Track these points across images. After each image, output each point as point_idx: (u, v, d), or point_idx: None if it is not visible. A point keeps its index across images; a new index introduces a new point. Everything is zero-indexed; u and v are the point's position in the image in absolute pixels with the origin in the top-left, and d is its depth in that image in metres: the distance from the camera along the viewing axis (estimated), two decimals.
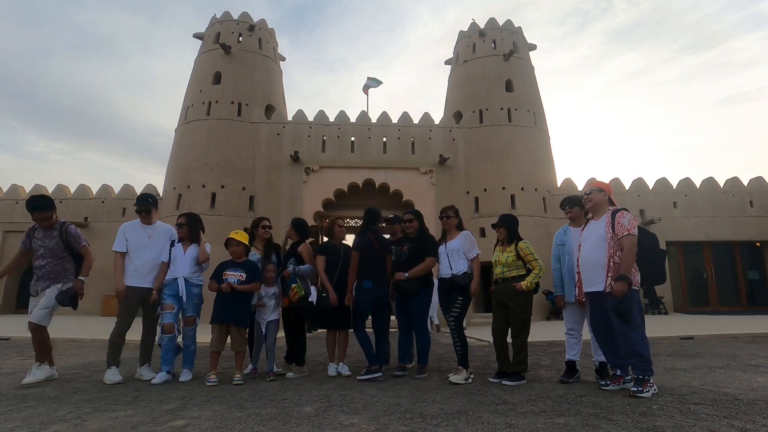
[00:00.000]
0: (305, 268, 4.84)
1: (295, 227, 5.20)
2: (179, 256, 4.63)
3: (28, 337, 4.44)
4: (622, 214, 3.79)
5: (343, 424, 2.83)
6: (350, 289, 4.75)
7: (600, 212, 3.99)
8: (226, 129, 15.15)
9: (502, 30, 17.18)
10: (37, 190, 16.17)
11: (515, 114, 15.88)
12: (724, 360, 5.46)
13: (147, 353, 4.67)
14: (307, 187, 15.04)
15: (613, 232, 3.75)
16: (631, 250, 3.63)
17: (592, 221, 4.05)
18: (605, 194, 4.01)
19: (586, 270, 3.94)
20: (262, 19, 17.24)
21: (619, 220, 3.75)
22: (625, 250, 3.65)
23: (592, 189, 4.03)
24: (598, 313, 3.92)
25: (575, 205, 4.51)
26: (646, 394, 3.49)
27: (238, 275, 4.49)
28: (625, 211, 3.83)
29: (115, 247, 4.64)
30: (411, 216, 4.84)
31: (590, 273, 3.89)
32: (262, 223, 5.02)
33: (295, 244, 5.07)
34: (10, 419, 3.02)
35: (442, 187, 15.23)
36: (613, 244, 3.74)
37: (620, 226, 3.72)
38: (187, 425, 2.85)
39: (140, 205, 4.73)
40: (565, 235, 4.55)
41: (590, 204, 4.03)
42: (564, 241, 4.51)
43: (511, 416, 2.99)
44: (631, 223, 3.72)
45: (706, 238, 15.64)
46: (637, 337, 3.63)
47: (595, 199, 3.99)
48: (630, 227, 3.69)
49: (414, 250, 4.74)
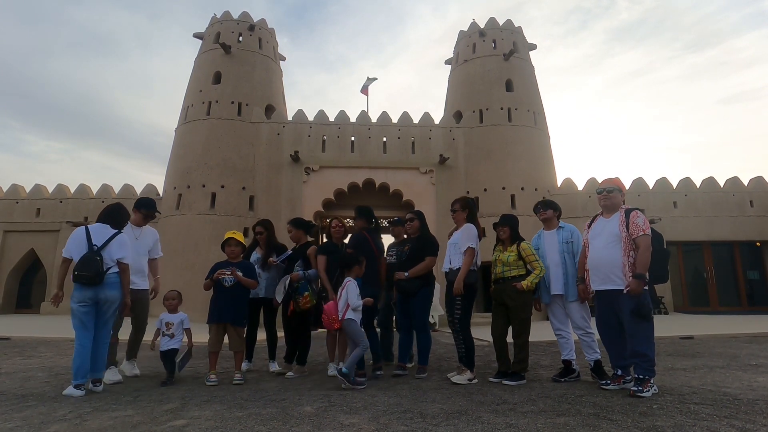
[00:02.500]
0: (313, 273, 4.80)
1: (300, 226, 5.12)
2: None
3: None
4: (636, 214, 3.81)
5: (343, 424, 2.83)
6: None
7: (613, 211, 4.00)
8: (226, 129, 15.15)
9: (502, 30, 17.19)
10: (38, 189, 16.16)
11: (515, 114, 15.88)
12: (724, 360, 5.46)
13: (133, 350, 4.79)
14: (307, 187, 15.04)
15: (628, 232, 3.76)
16: (647, 250, 3.66)
17: (602, 218, 4.05)
18: (623, 195, 4.05)
19: (597, 268, 3.92)
20: (262, 19, 17.24)
21: (633, 219, 3.77)
22: (641, 249, 3.66)
23: (613, 188, 4.02)
24: (607, 311, 3.92)
25: (549, 208, 4.61)
26: (647, 394, 3.49)
27: (238, 273, 4.49)
28: (639, 211, 3.85)
29: None
30: (412, 216, 4.87)
31: (603, 271, 3.87)
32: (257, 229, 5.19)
33: (303, 246, 4.99)
34: (10, 419, 3.02)
35: (442, 187, 15.23)
36: (627, 243, 3.75)
37: (635, 226, 3.74)
38: (187, 425, 2.85)
39: (148, 210, 4.82)
40: (539, 239, 4.64)
41: (608, 202, 4.02)
42: (538, 246, 4.59)
43: (511, 416, 2.99)
44: (645, 223, 3.76)
45: (706, 238, 15.64)
46: (646, 338, 3.65)
47: (615, 199, 4.00)
48: (645, 227, 3.72)
49: (414, 250, 4.75)
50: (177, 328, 4.46)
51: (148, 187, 16.13)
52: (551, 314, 4.54)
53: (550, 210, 4.60)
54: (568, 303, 4.37)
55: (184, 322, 4.53)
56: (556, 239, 4.49)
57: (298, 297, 4.60)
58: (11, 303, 15.68)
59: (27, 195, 16.12)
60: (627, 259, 3.73)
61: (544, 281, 4.44)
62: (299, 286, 4.64)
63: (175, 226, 14.35)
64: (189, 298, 12.70)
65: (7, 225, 15.75)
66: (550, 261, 4.45)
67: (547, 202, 4.67)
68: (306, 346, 4.89)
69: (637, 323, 3.63)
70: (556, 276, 4.39)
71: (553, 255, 4.45)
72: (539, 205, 4.69)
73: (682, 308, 15.30)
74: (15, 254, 15.61)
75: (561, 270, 4.38)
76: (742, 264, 15.86)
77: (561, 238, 4.48)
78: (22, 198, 16.01)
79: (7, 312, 15.25)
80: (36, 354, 6.43)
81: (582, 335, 4.33)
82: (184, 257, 13.66)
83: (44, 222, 15.61)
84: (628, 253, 3.73)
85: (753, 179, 16.31)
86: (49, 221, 15.56)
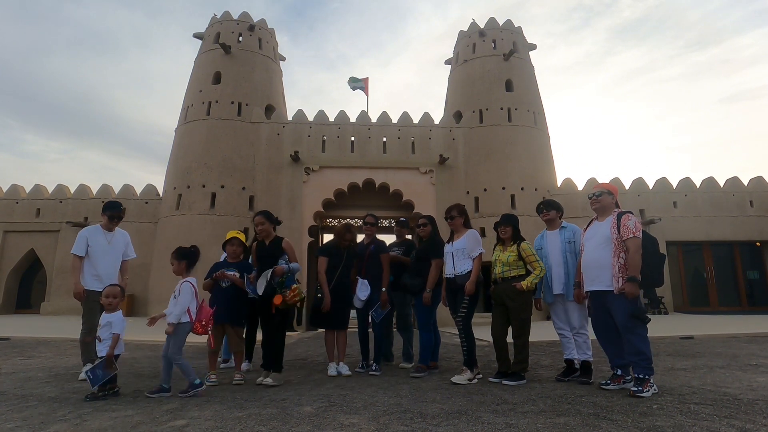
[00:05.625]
0: (296, 266, 4.54)
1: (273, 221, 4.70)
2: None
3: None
4: (627, 217, 3.86)
5: (343, 424, 2.83)
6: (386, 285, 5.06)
7: (605, 214, 4.06)
8: (226, 129, 15.15)
9: (502, 30, 17.19)
10: (37, 190, 16.16)
11: (515, 114, 15.89)
12: (724, 360, 5.46)
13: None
14: (307, 187, 15.04)
15: (618, 234, 3.81)
16: (637, 252, 3.70)
17: (596, 222, 4.12)
18: (613, 197, 4.09)
19: (589, 269, 4.01)
20: (262, 19, 17.25)
21: (624, 222, 3.82)
22: (631, 252, 3.71)
23: (602, 191, 4.08)
24: (599, 312, 4.00)
25: (552, 208, 4.63)
26: (646, 394, 3.50)
27: (233, 275, 4.49)
28: (630, 214, 3.90)
29: (75, 250, 4.68)
30: (425, 221, 5.05)
31: (594, 272, 3.96)
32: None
33: (277, 241, 4.62)
34: (10, 419, 3.02)
35: (442, 187, 15.23)
36: (617, 245, 3.79)
37: (626, 228, 3.79)
38: (187, 425, 2.85)
39: (113, 211, 4.83)
40: (543, 239, 4.67)
41: (598, 205, 4.09)
42: (541, 245, 4.63)
43: (511, 416, 2.99)
44: (636, 226, 3.79)
45: (706, 238, 15.63)
46: (641, 337, 3.69)
47: (604, 201, 4.06)
48: (635, 230, 3.76)
49: (422, 251, 4.94)
50: (105, 331, 3.71)
51: (148, 187, 16.13)
52: (553, 314, 4.56)
53: (553, 210, 4.64)
54: (567, 302, 4.42)
55: (112, 325, 3.71)
56: (558, 239, 4.54)
57: (285, 291, 4.26)
58: (11, 303, 15.68)
59: (27, 195, 16.12)
60: (617, 260, 3.78)
61: (547, 281, 4.48)
62: (284, 280, 4.34)
63: (175, 226, 14.35)
64: None
65: (7, 225, 15.74)
66: (552, 261, 4.49)
67: (549, 203, 4.70)
68: (282, 347, 4.39)
69: (633, 324, 3.67)
70: (558, 276, 4.44)
71: (555, 255, 4.50)
72: (542, 205, 4.72)
73: (682, 308, 15.30)
74: (15, 254, 15.61)
75: (563, 270, 4.42)
76: (742, 264, 15.86)
77: (563, 237, 4.52)
78: (22, 198, 16.01)
79: (7, 312, 15.24)
80: (36, 354, 6.43)
81: (574, 334, 4.41)
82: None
83: (44, 222, 15.61)
84: (618, 254, 3.78)
85: (753, 179, 16.31)
86: (49, 221, 15.56)
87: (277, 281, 4.30)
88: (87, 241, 4.69)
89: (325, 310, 4.69)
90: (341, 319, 4.85)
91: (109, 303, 3.82)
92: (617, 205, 4.10)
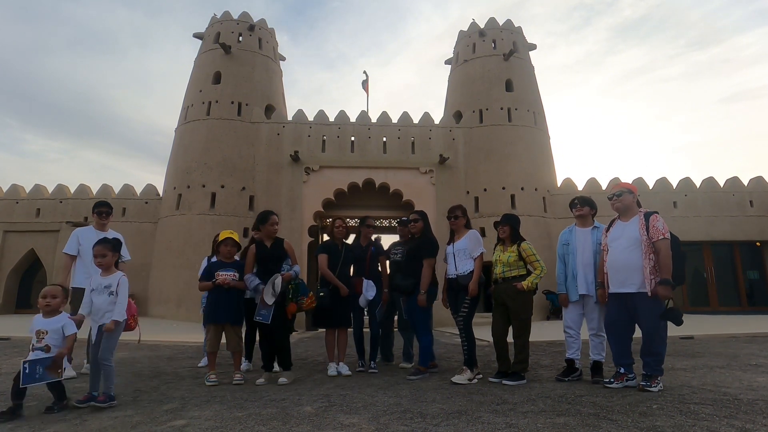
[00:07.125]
0: (298, 269, 4.56)
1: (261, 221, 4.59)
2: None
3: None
4: (655, 218, 3.83)
5: (343, 424, 2.83)
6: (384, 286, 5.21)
7: (629, 214, 4.00)
8: (226, 129, 15.14)
9: (502, 30, 17.19)
10: (37, 189, 16.15)
11: (515, 114, 15.88)
12: (724, 360, 5.46)
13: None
14: (307, 187, 15.03)
15: (648, 235, 3.77)
16: (668, 254, 3.68)
17: (620, 222, 4.05)
18: (635, 196, 4.05)
19: (617, 272, 3.91)
20: (262, 19, 17.24)
21: (653, 223, 3.80)
22: (663, 253, 3.69)
23: (622, 190, 4.03)
24: (619, 312, 3.93)
25: (586, 205, 4.51)
26: (654, 389, 3.59)
27: (231, 275, 4.46)
28: (657, 214, 3.88)
29: (67, 249, 4.70)
30: (416, 216, 4.89)
31: (623, 275, 3.86)
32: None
33: (279, 242, 4.58)
34: (10, 419, 3.02)
35: (442, 187, 15.23)
36: (647, 247, 3.76)
37: (655, 230, 3.77)
38: (187, 425, 2.85)
39: (99, 207, 4.86)
40: (570, 234, 4.55)
41: (620, 205, 4.04)
42: (569, 241, 4.51)
43: (511, 416, 2.99)
44: (665, 227, 3.79)
45: (706, 237, 15.62)
46: (662, 339, 3.74)
47: (625, 201, 4.02)
48: (664, 231, 3.75)
49: (413, 250, 4.79)
50: (53, 338, 3.22)
51: (148, 187, 16.12)
52: (566, 311, 4.50)
53: (587, 207, 4.50)
54: (589, 303, 4.32)
55: (66, 328, 3.28)
56: (590, 238, 4.40)
57: (300, 299, 4.35)
58: (11, 303, 15.67)
59: (27, 195, 16.11)
60: (647, 262, 3.74)
61: (573, 278, 4.36)
62: (297, 287, 4.39)
63: (175, 226, 14.35)
64: (190, 298, 12.78)
65: (7, 225, 15.73)
66: (580, 260, 4.36)
67: (584, 199, 4.56)
68: (289, 345, 4.51)
69: (659, 325, 3.69)
70: (587, 276, 4.31)
71: (585, 254, 4.36)
72: (576, 200, 4.58)
73: (682, 308, 15.16)
74: (15, 254, 15.60)
75: (592, 271, 4.30)
76: (742, 264, 15.84)
77: (595, 238, 4.38)
78: (21, 198, 16.00)
79: (7, 312, 15.23)
80: None
81: (593, 336, 4.35)
82: (184, 257, 13.64)
83: (44, 222, 15.60)
84: (648, 256, 3.75)
85: (753, 179, 16.30)
86: (49, 221, 15.54)
87: (287, 288, 4.35)
88: (78, 240, 4.69)
89: (344, 295, 4.79)
90: (344, 316, 4.86)
91: (47, 304, 3.29)
92: (639, 204, 4.05)
